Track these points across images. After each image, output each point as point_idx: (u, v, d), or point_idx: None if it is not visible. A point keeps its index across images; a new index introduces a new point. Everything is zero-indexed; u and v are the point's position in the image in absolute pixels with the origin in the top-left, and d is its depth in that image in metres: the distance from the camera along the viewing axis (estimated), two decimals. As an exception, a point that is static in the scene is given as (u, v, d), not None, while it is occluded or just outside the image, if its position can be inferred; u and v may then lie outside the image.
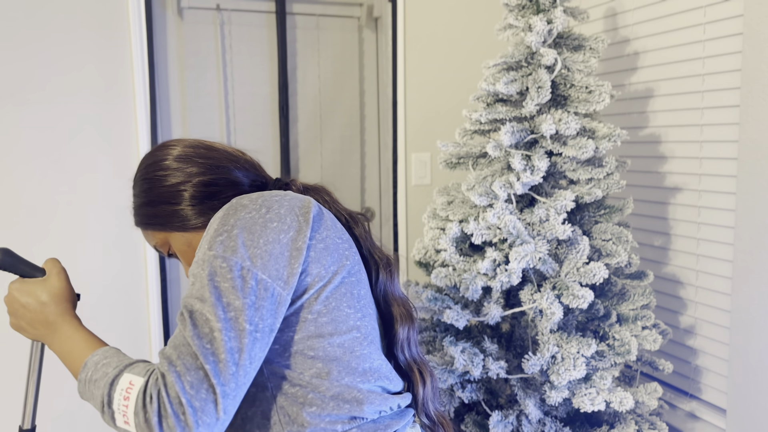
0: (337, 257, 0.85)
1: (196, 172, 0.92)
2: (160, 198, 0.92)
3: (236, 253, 0.75)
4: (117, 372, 0.76)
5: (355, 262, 0.88)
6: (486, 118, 1.58)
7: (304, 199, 0.86)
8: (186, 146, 0.95)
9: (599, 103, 1.49)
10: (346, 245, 0.88)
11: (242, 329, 0.72)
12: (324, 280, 0.82)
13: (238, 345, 0.72)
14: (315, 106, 2.18)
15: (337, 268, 0.84)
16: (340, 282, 0.84)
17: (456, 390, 1.54)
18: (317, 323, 0.82)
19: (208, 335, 0.71)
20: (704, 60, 1.63)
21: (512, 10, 1.59)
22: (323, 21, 2.15)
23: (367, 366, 0.86)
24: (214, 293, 0.73)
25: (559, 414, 1.54)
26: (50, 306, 0.89)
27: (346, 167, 2.25)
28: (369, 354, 0.86)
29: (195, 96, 2.03)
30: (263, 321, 0.75)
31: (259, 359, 0.75)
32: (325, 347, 0.82)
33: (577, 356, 1.39)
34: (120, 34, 1.86)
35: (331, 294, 0.83)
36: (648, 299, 1.55)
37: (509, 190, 1.50)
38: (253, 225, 0.78)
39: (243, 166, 0.96)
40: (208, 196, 0.91)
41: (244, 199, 0.81)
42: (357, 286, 0.87)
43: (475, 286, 1.47)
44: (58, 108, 1.82)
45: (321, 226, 0.84)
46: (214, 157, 0.94)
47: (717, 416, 1.64)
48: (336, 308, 0.83)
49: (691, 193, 1.70)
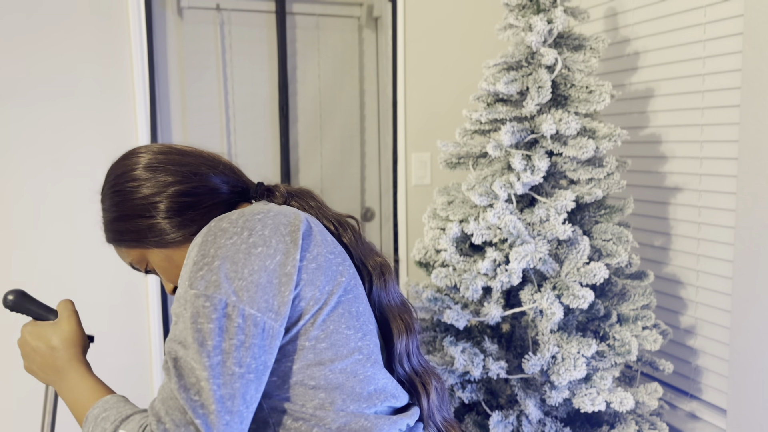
0: (331, 275, 0.79)
1: (171, 181, 0.85)
2: (132, 212, 0.85)
3: (219, 288, 0.69)
4: (113, 429, 0.74)
5: (350, 276, 0.82)
6: (486, 118, 1.58)
7: (290, 214, 0.79)
8: (156, 153, 0.88)
9: (599, 103, 1.49)
10: (339, 259, 0.82)
11: (232, 373, 0.67)
12: (320, 302, 0.76)
13: (230, 392, 0.67)
14: (315, 106, 2.18)
15: (332, 287, 0.78)
16: (337, 302, 0.79)
17: (456, 390, 1.54)
18: (316, 350, 0.76)
19: (195, 386, 0.66)
20: (704, 60, 1.63)
21: (512, 10, 1.59)
22: (323, 21, 2.15)
23: (372, 388, 0.80)
24: (198, 338, 0.67)
25: (560, 414, 1.54)
26: (60, 351, 0.86)
27: (346, 167, 2.25)
28: (373, 375, 0.81)
29: (195, 96, 2.03)
30: (256, 360, 0.69)
31: (257, 399, 0.70)
32: (327, 375, 0.76)
33: (577, 356, 1.39)
34: (120, 34, 1.86)
35: (328, 316, 0.77)
36: (648, 299, 1.55)
37: (509, 190, 1.50)
38: (236, 253, 0.71)
39: (221, 171, 0.89)
40: (186, 207, 0.85)
41: (224, 222, 0.75)
42: (355, 303, 0.81)
43: (475, 286, 1.47)
44: (58, 108, 1.82)
45: (311, 243, 0.78)
46: (189, 163, 0.87)
47: (717, 416, 1.64)
48: (335, 331, 0.77)
49: (692, 193, 1.70)
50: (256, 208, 0.78)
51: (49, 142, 1.83)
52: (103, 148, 1.88)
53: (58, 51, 1.81)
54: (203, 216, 0.86)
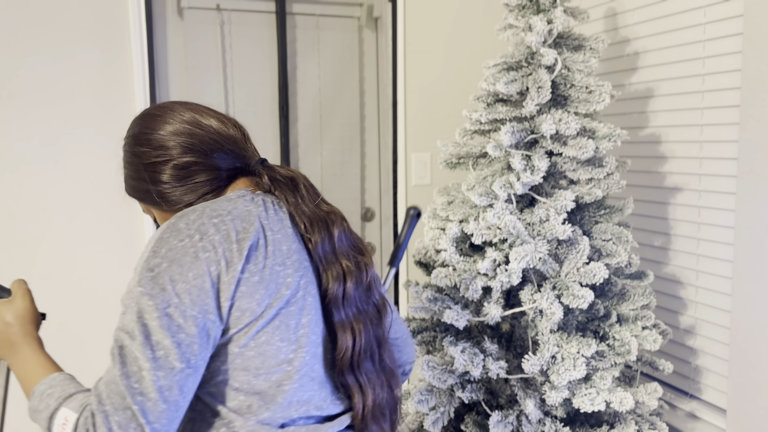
0: (274, 288, 0.80)
1: (177, 153, 0.88)
2: (138, 174, 0.90)
3: (164, 290, 0.74)
4: (56, 405, 0.77)
5: (298, 288, 0.83)
6: (486, 118, 1.58)
7: (246, 219, 0.81)
8: (179, 121, 0.90)
9: (599, 103, 1.49)
10: (290, 270, 0.83)
11: (172, 368, 0.72)
12: (255, 315, 0.79)
13: (168, 383, 0.72)
14: (315, 106, 2.18)
15: (271, 300, 0.80)
16: (275, 315, 0.80)
17: (456, 390, 1.54)
18: (244, 357, 0.79)
19: (137, 374, 0.71)
20: (704, 60, 1.63)
21: (512, 10, 1.59)
22: (323, 21, 2.15)
23: (295, 399, 0.83)
24: (143, 331, 0.72)
25: (559, 414, 1.54)
26: (14, 327, 0.90)
27: (346, 167, 2.25)
28: (299, 387, 0.83)
29: (195, 96, 2.03)
30: (196, 356, 0.74)
31: (193, 389, 0.76)
32: (250, 380, 0.80)
33: (577, 356, 1.39)
34: (120, 34, 1.86)
35: (262, 328, 0.79)
36: (648, 299, 1.55)
37: (509, 190, 1.50)
38: (184, 256, 0.75)
39: (228, 148, 0.91)
40: (186, 179, 0.88)
41: (181, 222, 0.79)
42: (297, 316, 0.82)
43: (475, 286, 1.47)
44: (58, 108, 1.82)
45: (258, 255, 0.80)
46: (202, 140, 0.89)
47: (717, 416, 1.64)
48: (266, 342, 0.80)
49: (691, 193, 1.70)
50: (218, 206, 0.81)
51: (50, 142, 1.83)
52: (104, 148, 1.88)
53: (58, 51, 1.81)
54: (201, 188, 0.89)
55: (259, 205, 0.86)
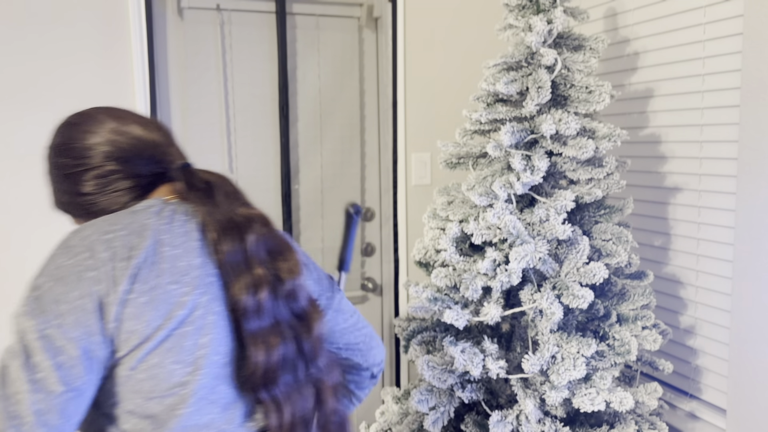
0: (165, 309, 0.76)
1: (97, 162, 0.85)
2: (61, 186, 0.87)
3: (45, 311, 0.72)
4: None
5: (196, 306, 0.78)
6: (486, 118, 1.58)
7: (141, 235, 0.78)
8: (101, 130, 0.86)
9: (599, 103, 1.49)
10: (186, 288, 0.78)
11: (51, 391, 0.70)
12: (144, 337, 0.75)
13: (47, 407, 0.70)
14: (315, 106, 2.18)
15: (162, 321, 0.76)
16: (167, 336, 0.76)
17: (456, 390, 1.54)
18: (135, 380, 0.76)
19: (14, 396, 0.70)
20: (704, 60, 1.63)
21: (512, 10, 1.59)
22: (323, 21, 2.15)
23: (191, 423, 0.78)
24: (24, 352, 0.71)
25: (559, 414, 1.54)
26: None
27: (346, 167, 2.25)
28: (195, 411, 0.78)
29: (195, 96, 2.03)
30: (80, 379, 0.72)
31: (80, 412, 0.73)
32: (143, 404, 0.76)
33: (577, 356, 1.39)
34: (120, 34, 1.86)
35: (153, 350, 0.75)
36: (648, 299, 1.55)
37: (509, 190, 1.50)
38: (69, 275, 0.73)
39: (145, 155, 0.87)
40: (104, 187, 0.85)
41: (75, 238, 0.77)
42: (194, 336, 0.77)
43: (475, 286, 1.47)
44: (58, 108, 1.82)
45: (148, 274, 0.76)
46: (119, 146, 0.86)
47: (717, 416, 1.64)
48: (158, 365, 0.76)
49: (691, 193, 1.70)
50: (116, 221, 0.79)
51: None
52: (104, 148, 1.88)
53: (57, 51, 1.81)
54: (123, 197, 0.87)
55: (164, 217, 0.82)
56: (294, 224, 2.19)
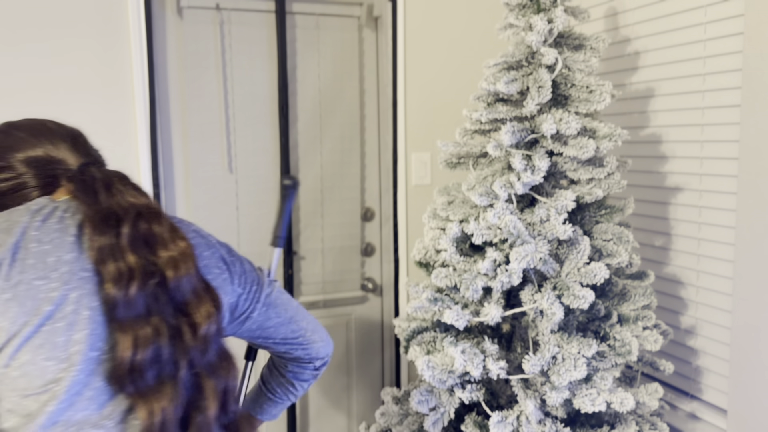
0: (31, 306, 0.75)
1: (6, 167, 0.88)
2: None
3: None
4: None
5: (65, 302, 0.77)
6: (486, 118, 1.57)
7: (8, 232, 0.79)
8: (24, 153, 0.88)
9: (600, 102, 1.48)
10: (55, 284, 0.77)
11: None
12: (10, 333, 0.74)
13: None
14: (315, 106, 2.18)
15: (28, 317, 0.75)
16: (34, 332, 0.75)
17: (456, 390, 1.54)
18: (10, 378, 0.75)
19: None
20: (705, 59, 1.63)
21: (513, 10, 1.59)
22: (323, 21, 2.15)
23: (62, 419, 0.77)
24: None
25: (560, 415, 1.54)
26: None
27: (346, 167, 2.25)
28: (67, 407, 0.77)
29: (195, 96, 2.03)
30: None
31: None
32: (21, 402, 0.76)
33: (577, 357, 1.39)
34: (120, 33, 1.86)
35: (21, 346, 0.75)
36: (649, 299, 1.54)
37: (510, 190, 1.49)
38: None
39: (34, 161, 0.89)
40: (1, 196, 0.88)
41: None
42: (66, 332, 0.76)
43: (475, 286, 1.47)
44: (57, 108, 1.82)
45: (9, 272, 0.76)
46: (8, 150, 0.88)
47: (718, 417, 1.64)
48: (29, 362, 0.75)
49: (692, 192, 1.70)
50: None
51: (49, 142, 1.82)
52: (104, 148, 1.88)
53: (57, 51, 1.80)
54: (19, 201, 0.88)
55: (40, 215, 0.82)
56: (294, 224, 2.19)
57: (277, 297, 1.04)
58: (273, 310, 1.02)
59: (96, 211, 0.82)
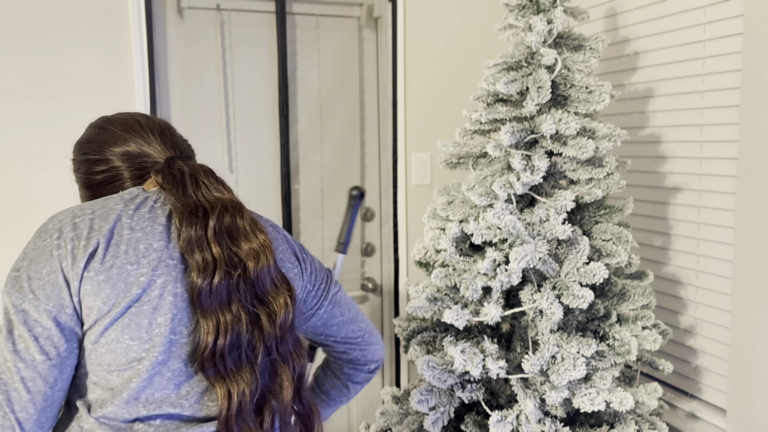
0: (122, 288, 0.81)
1: (89, 159, 0.95)
2: (77, 181, 0.99)
3: (21, 288, 0.80)
4: None
5: (152, 286, 0.82)
6: (486, 118, 1.58)
7: (105, 218, 0.84)
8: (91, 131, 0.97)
9: (599, 103, 1.49)
10: (145, 269, 0.82)
11: (33, 359, 0.78)
12: (102, 313, 0.80)
13: (31, 374, 0.78)
14: (315, 106, 2.18)
15: (118, 299, 0.81)
16: (122, 314, 0.81)
17: (456, 390, 1.54)
18: (96, 353, 0.82)
19: (2, 365, 0.79)
20: (704, 60, 1.63)
21: (512, 10, 1.59)
22: (323, 21, 2.15)
23: (142, 396, 0.83)
24: (7, 326, 0.79)
25: (559, 414, 1.54)
26: None
27: (346, 167, 2.25)
28: (148, 386, 0.83)
29: (195, 95, 2.03)
30: (56, 348, 0.80)
31: (63, 379, 0.81)
32: (105, 376, 0.82)
33: (577, 356, 1.39)
34: (120, 33, 1.86)
35: (110, 326, 0.81)
36: (648, 299, 1.55)
37: (509, 190, 1.50)
38: (41, 255, 0.81)
39: (127, 155, 0.95)
40: (97, 185, 0.95)
41: (51, 222, 0.84)
42: (151, 314, 0.82)
43: (475, 286, 1.47)
44: (57, 108, 1.82)
45: (107, 254, 0.81)
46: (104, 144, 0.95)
47: (717, 416, 1.64)
48: (116, 340, 0.81)
49: (691, 193, 1.70)
50: (89, 206, 0.86)
51: (49, 141, 1.83)
52: (103, 148, 1.88)
53: (57, 51, 1.81)
54: (114, 191, 0.96)
55: (133, 204, 0.87)
56: (294, 224, 2.19)
57: (342, 297, 1.08)
58: (338, 308, 1.05)
59: (184, 203, 0.87)
